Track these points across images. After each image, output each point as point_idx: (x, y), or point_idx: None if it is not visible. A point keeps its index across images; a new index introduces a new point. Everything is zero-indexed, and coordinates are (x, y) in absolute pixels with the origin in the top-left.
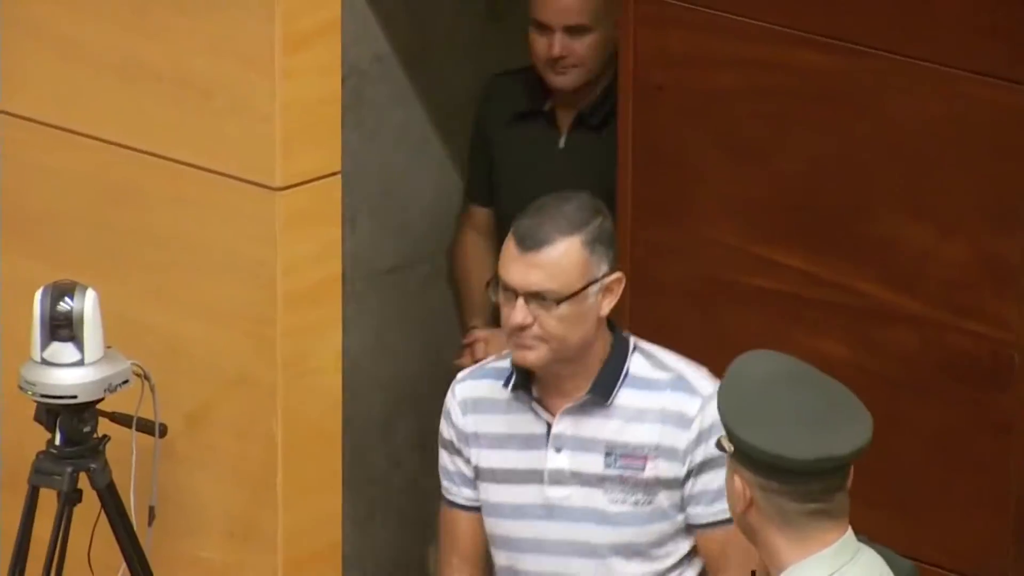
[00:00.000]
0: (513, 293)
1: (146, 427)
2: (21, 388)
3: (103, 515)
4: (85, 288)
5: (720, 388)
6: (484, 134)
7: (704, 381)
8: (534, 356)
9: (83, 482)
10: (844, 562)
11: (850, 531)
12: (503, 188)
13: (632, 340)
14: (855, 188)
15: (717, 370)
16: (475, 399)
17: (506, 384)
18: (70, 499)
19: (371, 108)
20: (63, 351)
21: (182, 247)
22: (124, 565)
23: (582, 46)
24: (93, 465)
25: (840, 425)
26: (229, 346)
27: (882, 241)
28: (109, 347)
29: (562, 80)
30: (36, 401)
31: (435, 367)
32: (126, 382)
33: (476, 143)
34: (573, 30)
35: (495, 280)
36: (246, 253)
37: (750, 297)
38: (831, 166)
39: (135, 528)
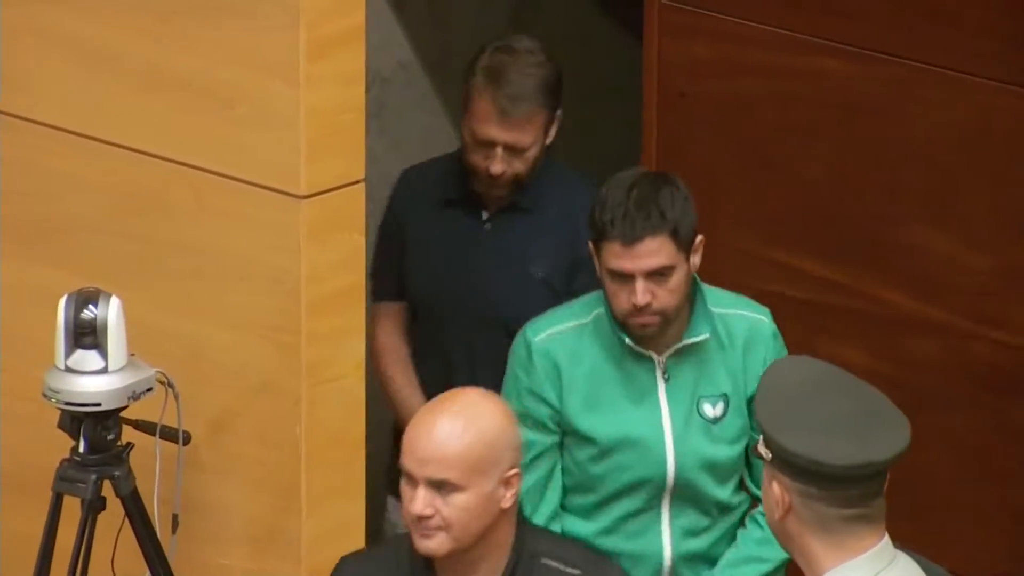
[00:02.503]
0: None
1: (170, 435)
2: (45, 396)
3: (127, 523)
4: (109, 296)
5: (757, 395)
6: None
7: None
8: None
9: (107, 490)
10: (881, 567)
11: (887, 536)
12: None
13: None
14: (878, 196)
15: None
16: None
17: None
18: (94, 507)
19: (395, 115)
20: (87, 359)
21: (206, 255)
22: (148, 573)
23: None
24: (117, 473)
25: (878, 430)
26: (252, 354)
27: (905, 249)
28: (133, 355)
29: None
30: (60, 409)
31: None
32: (150, 390)
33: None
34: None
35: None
36: (270, 261)
37: (772, 304)
38: (854, 174)
39: (159, 536)
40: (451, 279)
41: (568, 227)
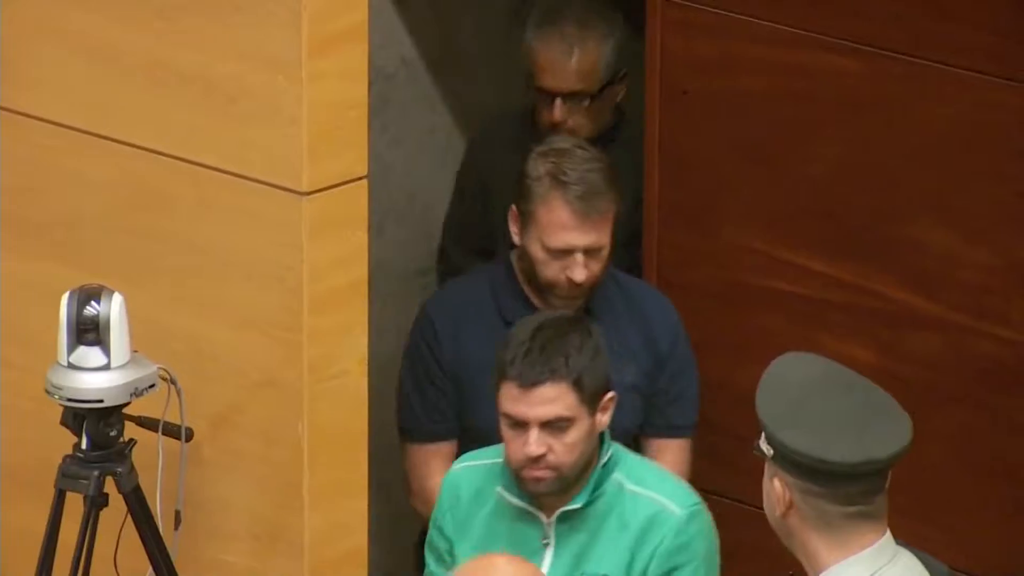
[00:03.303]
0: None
1: (172, 431)
2: (48, 392)
3: (129, 519)
4: (112, 292)
5: (759, 391)
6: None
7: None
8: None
9: (109, 486)
10: (883, 564)
11: (889, 533)
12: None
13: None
14: (881, 192)
15: (744, 374)
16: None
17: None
18: (96, 503)
19: (398, 112)
20: (89, 355)
21: (208, 251)
22: (151, 569)
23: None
24: (119, 469)
25: (880, 428)
26: (255, 350)
27: (907, 245)
28: (135, 351)
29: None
30: (62, 405)
31: None
32: (152, 386)
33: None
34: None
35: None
36: (272, 257)
37: (776, 301)
38: (857, 170)
39: (161, 532)
40: None
41: (642, 326)
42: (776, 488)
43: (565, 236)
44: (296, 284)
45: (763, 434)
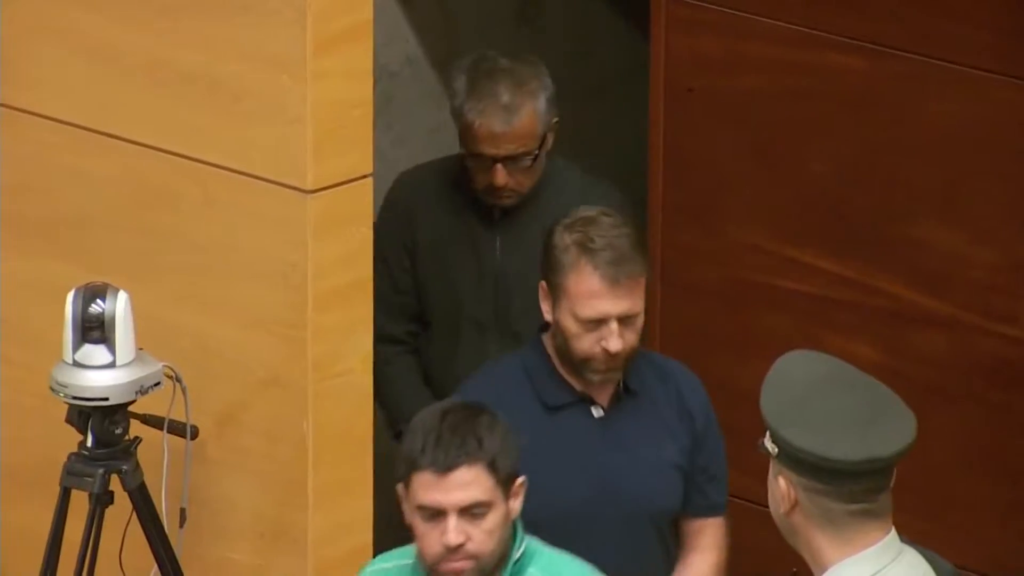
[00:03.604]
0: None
1: (177, 429)
2: (52, 390)
3: (134, 517)
4: (117, 290)
5: (763, 389)
6: None
7: None
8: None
9: (114, 484)
10: (887, 562)
11: (893, 531)
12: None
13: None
14: (885, 191)
15: (749, 372)
16: None
17: None
18: (101, 501)
19: (402, 110)
20: (95, 353)
21: (213, 249)
22: (155, 567)
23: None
24: (124, 467)
25: (884, 425)
26: (260, 348)
27: (912, 244)
28: (140, 349)
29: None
30: (67, 403)
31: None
32: (157, 384)
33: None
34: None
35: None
36: (277, 255)
37: (780, 299)
38: (861, 169)
39: (166, 530)
40: (582, 485)
41: (678, 403)
42: (780, 486)
43: (597, 304)
44: (300, 282)
45: (767, 432)
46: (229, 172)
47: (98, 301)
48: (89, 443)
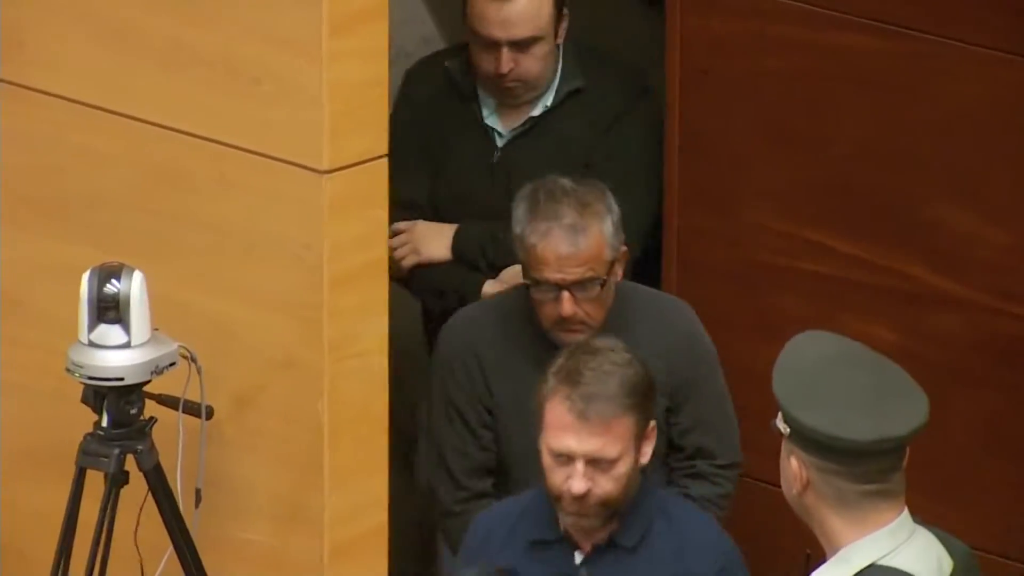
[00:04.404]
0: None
1: (193, 409)
2: (68, 370)
3: (150, 497)
4: (132, 270)
5: (775, 370)
6: None
7: None
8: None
9: (130, 464)
10: (900, 542)
11: (906, 511)
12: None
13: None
14: (901, 172)
15: (765, 354)
16: None
17: None
18: (117, 481)
19: None
20: (110, 333)
21: (229, 230)
22: (171, 547)
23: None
24: (140, 447)
25: (897, 405)
26: (276, 329)
27: (928, 225)
28: (156, 329)
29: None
30: (83, 383)
31: None
32: (173, 364)
33: None
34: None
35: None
36: (292, 236)
37: (796, 281)
38: (877, 150)
39: (182, 510)
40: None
41: (682, 568)
42: (793, 466)
43: (563, 438)
44: (316, 263)
45: (780, 413)
46: (245, 153)
47: (113, 281)
48: (105, 423)
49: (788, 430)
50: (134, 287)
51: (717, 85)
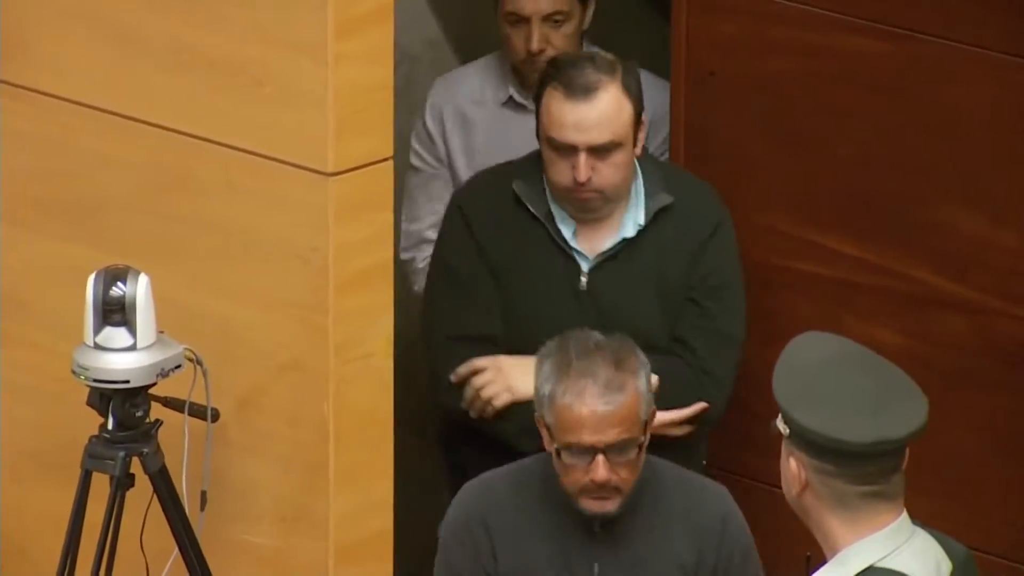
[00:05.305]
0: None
1: (198, 412)
2: (74, 373)
3: (155, 500)
4: (138, 273)
5: (776, 370)
6: None
7: None
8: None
9: (135, 467)
10: (899, 544)
11: (905, 514)
12: None
13: None
14: (907, 174)
15: (770, 356)
16: None
17: None
18: (122, 483)
19: (423, 93)
20: (116, 336)
21: (234, 232)
22: (176, 549)
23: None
24: (145, 449)
25: (896, 407)
26: (281, 331)
27: (934, 228)
28: (161, 332)
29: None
30: (89, 386)
31: None
32: (178, 367)
33: None
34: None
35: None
36: (298, 238)
37: (801, 283)
38: (883, 152)
39: (187, 513)
40: None
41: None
42: (792, 467)
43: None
44: (322, 265)
45: (780, 413)
46: (250, 155)
47: (119, 284)
48: (110, 426)
49: (788, 431)
50: (140, 290)
51: (723, 87)
